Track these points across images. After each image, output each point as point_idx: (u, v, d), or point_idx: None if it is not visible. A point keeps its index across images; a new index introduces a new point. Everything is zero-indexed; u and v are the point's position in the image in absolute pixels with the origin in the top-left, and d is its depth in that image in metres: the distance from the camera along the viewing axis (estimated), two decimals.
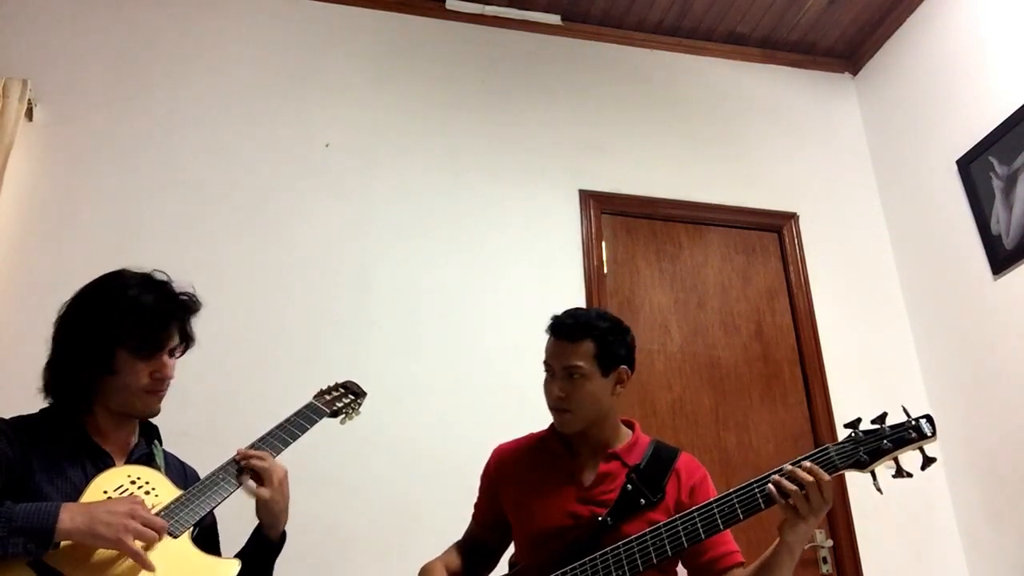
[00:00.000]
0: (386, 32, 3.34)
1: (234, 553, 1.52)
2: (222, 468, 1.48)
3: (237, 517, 1.57)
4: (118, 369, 1.43)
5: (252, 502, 1.51)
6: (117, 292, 1.46)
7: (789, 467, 1.42)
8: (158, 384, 1.47)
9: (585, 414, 1.66)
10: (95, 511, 1.24)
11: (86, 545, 1.25)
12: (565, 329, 1.69)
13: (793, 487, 1.40)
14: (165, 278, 1.51)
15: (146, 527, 1.25)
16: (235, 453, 1.52)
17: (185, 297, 1.51)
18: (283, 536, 1.55)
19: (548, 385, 1.70)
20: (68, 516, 1.22)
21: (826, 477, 1.40)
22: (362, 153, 3.08)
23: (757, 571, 1.52)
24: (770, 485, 1.42)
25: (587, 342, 1.66)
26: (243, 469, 1.48)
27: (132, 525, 1.23)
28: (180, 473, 1.58)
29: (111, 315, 1.43)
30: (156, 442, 1.56)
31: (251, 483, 1.49)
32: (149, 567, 1.25)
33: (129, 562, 1.26)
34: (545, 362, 1.72)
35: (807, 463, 1.42)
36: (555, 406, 1.68)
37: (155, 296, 1.47)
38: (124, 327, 1.43)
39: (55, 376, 1.46)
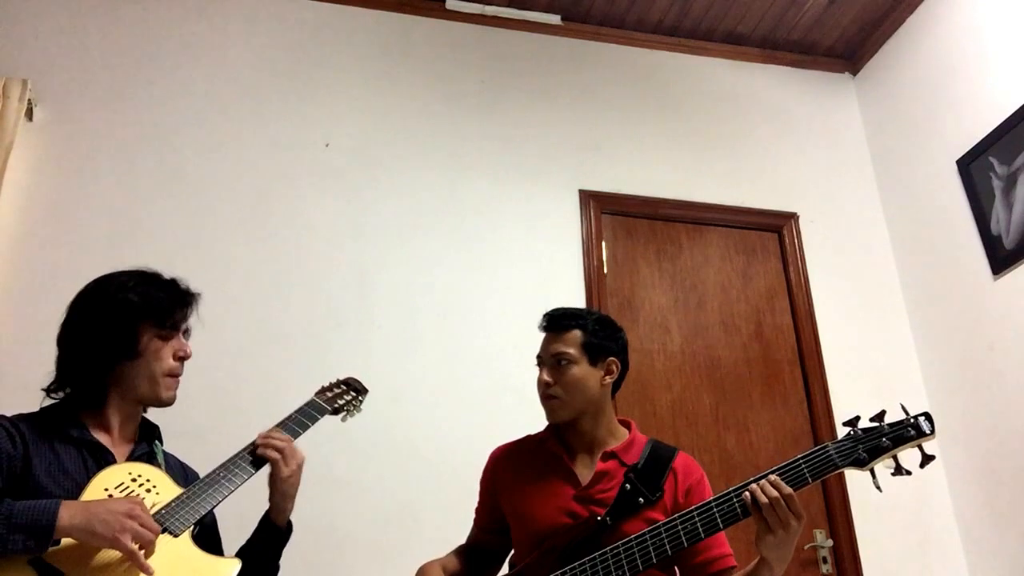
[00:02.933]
0: (386, 32, 3.34)
1: (236, 548, 1.53)
2: (222, 467, 1.48)
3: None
4: (143, 351, 1.45)
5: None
6: (123, 284, 1.50)
7: (768, 477, 1.42)
8: (180, 365, 1.51)
9: (573, 401, 1.68)
10: (94, 509, 1.24)
11: (86, 543, 1.24)
12: (554, 321, 1.75)
13: (764, 499, 1.40)
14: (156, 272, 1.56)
15: (144, 528, 1.25)
16: (241, 448, 1.53)
17: (185, 286, 1.56)
18: (290, 525, 1.57)
19: (538, 377, 1.73)
20: (67, 514, 1.22)
21: (787, 490, 1.39)
22: (362, 153, 3.08)
23: None
24: (746, 493, 1.42)
25: (575, 331, 1.72)
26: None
27: (130, 524, 1.23)
28: (180, 474, 1.58)
29: (128, 298, 1.46)
30: (157, 442, 1.57)
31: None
32: (145, 568, 1.25)
33: (128, 561, 1.26)
34: (537, 356, 1.76)
35: (773, 476, 1.42)
36: (543, 393, 1.71)
37: (159, 283, 1.52)
38: (145, 306, 1.46)
39: (72, 368, 1.47)
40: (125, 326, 1.45)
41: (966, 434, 2.97)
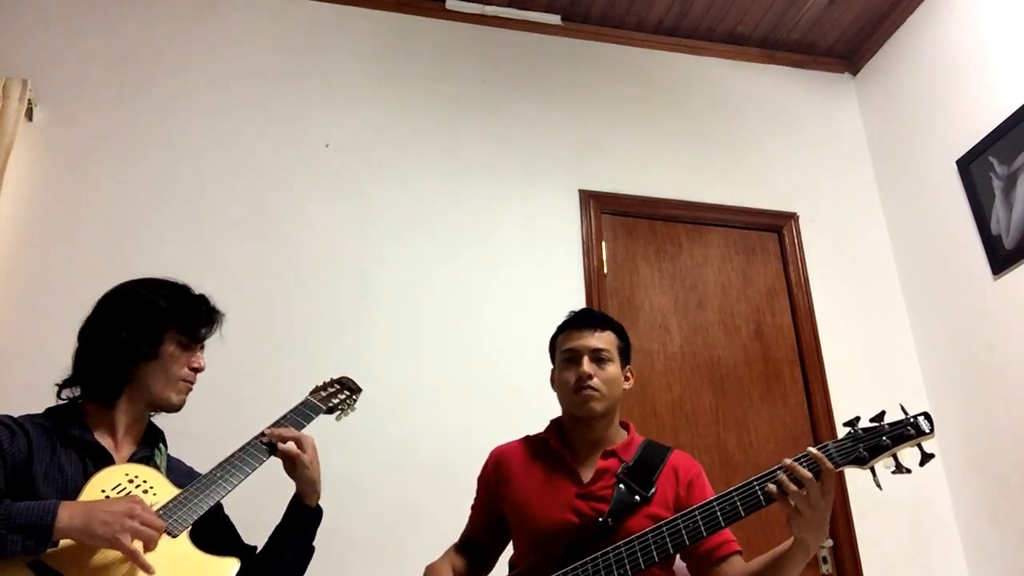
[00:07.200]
0: (386, 32, 3.34)
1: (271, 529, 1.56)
2: (219, 466, 1.48)
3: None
4: (161, 354, 1.48)
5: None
6: (154, 288, 1.53)
7: (789, 462, 1.43)
8: (193, 375, 1.54)
9: (609, 397, 1.72)
10: (93, 510, 1.24)
11: (85, 545, 1.24)
12: (593, 319, 1.80)
13: (792, 485, 1.40)
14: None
15: (145, 527, 1.25)
16: (238, 447, 1.53)
17: (213, 304, 1.60)
18: (320, 508, 1.60)
19: (571, 370, 1.73)
20: (67, 515, 1.22)
21: (829, 465, 1.41)
22: (362, 153, 3.08)
23: (767, 565, 1.52)
24: (770, 484, 1.43)
25: (610, 332, 1.79)
26: (273, 448, 1.54)
27: (130, 524, 1.23)
28: (188, 479, 1.57)
29: (159, 302, 1.50)
30: (161, 445, 1.57)
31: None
32: (146, 567, 1.25)
33: (128, 562, 1.26)
34: (568, 350, 1.76)
35: (813, 450, 1.43)
36: (581, 385, 1.70)
37: (190, 295, 1.57)
38: (174, 313, 1.50)
39: (90, 363, 1.48)
40: (152, 328, 1.48)
41: (966, 434, 2.97)
